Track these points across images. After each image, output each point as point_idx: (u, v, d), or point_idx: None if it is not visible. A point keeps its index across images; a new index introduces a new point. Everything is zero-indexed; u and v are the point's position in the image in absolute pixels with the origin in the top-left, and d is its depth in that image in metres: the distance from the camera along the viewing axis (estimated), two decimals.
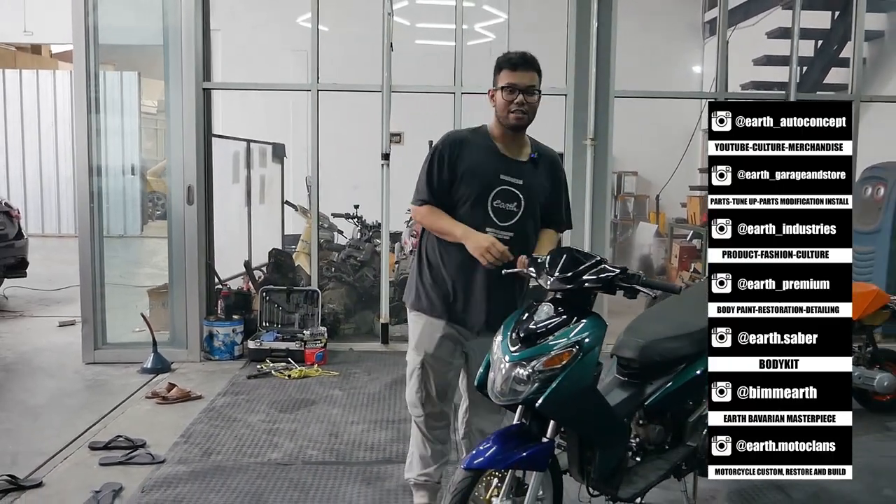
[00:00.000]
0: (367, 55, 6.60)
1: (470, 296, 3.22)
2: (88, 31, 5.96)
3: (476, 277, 3.18)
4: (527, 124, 3.21)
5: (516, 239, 3.17)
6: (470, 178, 3.18)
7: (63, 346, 6.63)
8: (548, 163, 3.33)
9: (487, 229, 3.14)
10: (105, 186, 6.47)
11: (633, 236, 11.34)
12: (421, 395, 3.33)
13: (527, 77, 3.15)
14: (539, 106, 3.22)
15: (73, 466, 4.13)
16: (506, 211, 3.18)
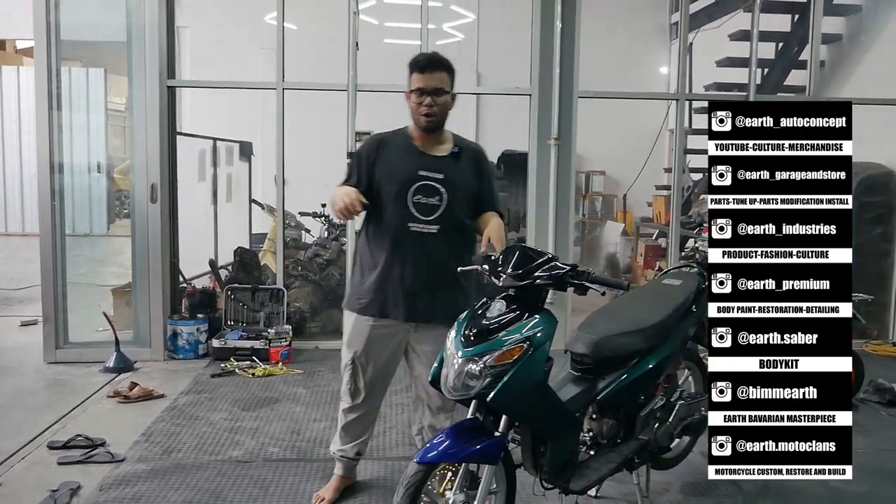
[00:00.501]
0: (335, 54, 6.61)
1: (392, 289, 3.33)
2: (50, 26, 5.92)
3: (399, 271, 3.31)
4: (437, 125, 3.31)
5: (443, 231, 3.28)
6: (389, 176, 3.30)
7: (25, 345, 6.57)
8: (470, 156, 3.40)
9: (410, 224, 3.27)
10: (70, 184, 6.42)
11: (601, 235, 11.45)
12: (350, 388, 3.51)
13: (434, 79, 3.25)
14: (453, 104, 3.34)
15: (31, 466, 4.10)
16: (428, 205, 3.27)
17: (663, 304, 3.58)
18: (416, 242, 3.28)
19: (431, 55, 3.34)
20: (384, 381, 3.58)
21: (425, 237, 3.28)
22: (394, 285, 3.33)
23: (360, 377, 3.48)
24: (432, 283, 3.32)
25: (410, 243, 3.29)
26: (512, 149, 9.40)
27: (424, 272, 3.30)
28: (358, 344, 3.44)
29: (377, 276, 3.36)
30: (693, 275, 3.85)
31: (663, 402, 3.58)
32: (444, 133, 3.40)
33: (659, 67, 12.04)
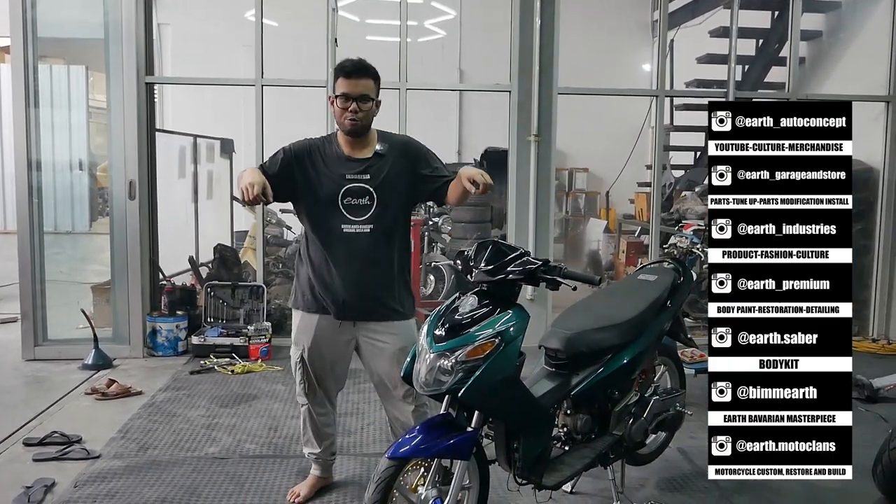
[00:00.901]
0: (316, 51, 6.60)
1: (332, 288, 3.36)
2: (27, 23, 5.89)
3: (335, 270, 3.34)
4: (363, 129, 3.33)
5: (377, 230, 3.32)
6: (318, 182, 3.34)
7: (3, 342, 6.52)
8: (398, 150, 3.41)
9: (343, 226, 3.30)
10: (52, 182, 6.38)
11: (584, 232, 11.48)
12: (304, 387, 3.55)
13: (360, 85, 3.27)
14: (378, 111, 3.37)
15: (6, 462, 4.09)
16: (359, 206, 3.31)
17: (638, 299, 3.59)
18: (350, 242, 3.32)
19: (358, 62, 3.33)
20: (336, 379, 3.61)
21: (358, 237, 3.31)
22: (333, 284, 3.36)
23: (311, 374, 3.52)
24: (369, 281, 3.35)
25: (344, 243, 3.32)
26: (495, 146, 9.42)
27: (359, 271, 3.33)
28: (305, 341, 3.48)
29: (316, 276, 3.40)
30: (669, 270, 3.87)
31: (638, 398, 3.58)
32: (370, 134, 3.41)
33: (641, 64, 12.08)
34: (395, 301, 3.40)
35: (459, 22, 11.17)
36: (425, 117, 9.93)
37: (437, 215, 8.65)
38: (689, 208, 8.01)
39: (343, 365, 3.58)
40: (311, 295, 3.44)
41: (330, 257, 3.34)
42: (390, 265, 3.38)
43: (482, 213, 9.06)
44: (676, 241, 4.27)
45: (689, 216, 7.66)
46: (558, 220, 11.54)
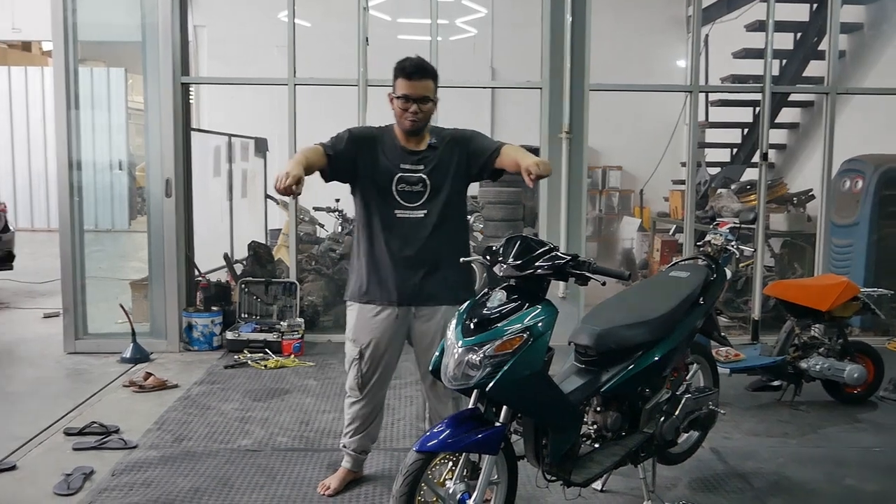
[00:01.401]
0: (348, 50, 6.65)
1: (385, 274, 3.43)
2: (68, 27, 6.01)
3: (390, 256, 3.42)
4: (420, 129, 3.42)
5: (430, 217, 3.41)
6: (374, 170, 3.42)
7: (46, 336, 6.69)
8: (448, 142, 3.48)
9: (397, 211, 3.40)
10: (92, 181, 6.51)
11: (617, 231, 11.40)
12: (358, 382, 3.59)
13: (420, 87, 3.35)
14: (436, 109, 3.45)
15: (47, 451, 4.19)
16: (412, 192, 3.41)
17: (670, 296, 3.55)
18: (404, 227, 3.40)
19: (418, 62, 3.39)
20: (388, 371, 3.63)
21: (412, 222, 3.40)
22: (388, 270, 3.43)
23: (366, 369, 3.54)
24: (423, 265, 3.42)
25: (398, 229, 3.40)
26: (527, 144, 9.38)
27: (414, 256, 3.40)
28: (363, 336, 3.51)
29: (372, 264, 3.46)
30: (701, 267, 3.82)
31: (669, 396, 3.54)
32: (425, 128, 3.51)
33: (676, 60, 11.96)
34: (449, 284, 3.44)
35: (491, 20, 11.16)
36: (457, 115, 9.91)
37: (469, 213, 8.65)
38: (724, 206, 7.92)
39: (396, 356, 3.61)
40: (367, 286, 3.48)
41: (384, 243, 3.42)
42: (444, 249, 3.42)
43: (514, 212, 9.06)
44: (711, 238, 4.23)
45: (725, 214, 7.58)
46: (591, 218, 11.49)
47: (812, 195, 8.21)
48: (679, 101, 9.18)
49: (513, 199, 9.05)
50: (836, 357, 5.08)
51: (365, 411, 3.65)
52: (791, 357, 5.08)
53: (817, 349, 5.09)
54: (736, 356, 5.14)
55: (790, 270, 7.85)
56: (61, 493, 3.65)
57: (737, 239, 4.37)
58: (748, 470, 4.07)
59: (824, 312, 5.04)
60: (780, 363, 5.08)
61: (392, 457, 4.14)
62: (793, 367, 5.08)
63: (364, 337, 3.51)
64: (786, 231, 7.94)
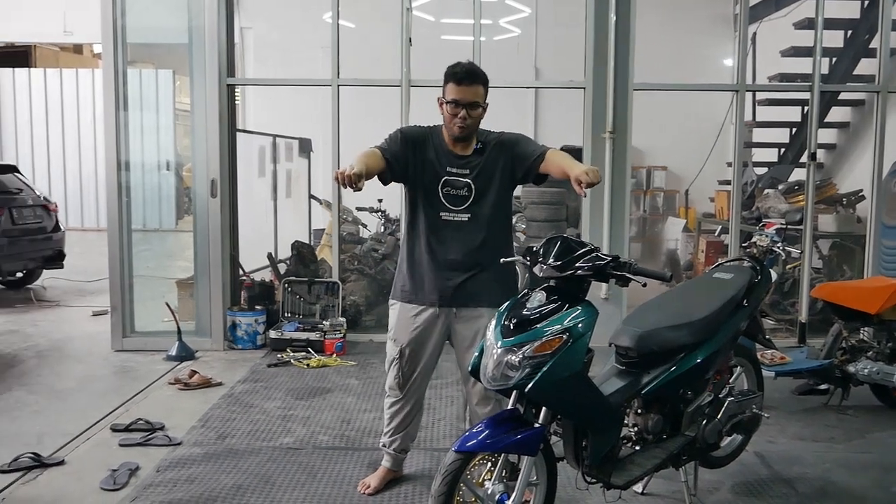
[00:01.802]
0: (391, 51, 6.68)
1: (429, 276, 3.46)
2: (117, 30, 6.15)
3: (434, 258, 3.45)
4: (470, 135, 3.43)
5: (474, 220, 3.43)
6: (423, 171, 3.44)
7: (94, 334, 6.85)
8: (494, 146, 3.48)
9: (442, 214, 3.43)
10: (140, 181, 6.64)
11: (662, 231, 11.27)
12: (398, 381, 3.61)
13: (470, 92, 3.34)
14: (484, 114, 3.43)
15: (94, 446, 4.29)
16: (458, 196, 3.42)
17: (713, 297, 3.50)
18: (448, 229, 3.42)
19: (469, 67, 3.39)
20: (428, 371, 3.65)
21: (457, 225, 3.42)
22: (430, 272, 3.46)
23: (406, 368, 3.57)
24: (467, 268, 3.43)
25: (443, 231, 3.43)
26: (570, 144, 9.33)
27: (458, 258, 3.42)
28: (403, 336, 3.54)
29: (416, 265, 3.50)
30: (745, 269, 3.76)
31: (712, 399, 3.50)
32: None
33: (723, 59, 11.78)
34: (491, 286, 3.44)
35: (535, 19, 11.12)
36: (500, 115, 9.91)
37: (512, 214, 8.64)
38: (771, 206, 7.78)
39: (436, 357, 3.62)
40: (409, 286, 3.52)
41: (428, 244, 3.45)
42: (487, 252, 3.42)
43: (557, 212, 9.01)
44: (757, 239, 4.17)
45: (772, 215, 7.45)
46: (635, 218, 11.38)
47: (862, 196, 8.03)
48: (726, 100, 9.04)
49: (556, 200, 9.00)
50: (885, 361, 4.95)
51: (405, 411, 3.67)
52: (839, 360, 4.98)
53: (866, 353, 4.97)
54: (782, 359, 5.05)
55: (839, 272, 7.68)
56: (107, 488, 3.74)
57: (783, 240, 4.29)
58: (793, 475, 4.00)
59: (873, 315, 4.92)
60: (828, 366, 4.98)
61: (431, 457, 4.15)
62: (840, 370, 4.97)
63: (404, 336, 3.54)
64: (835, 232, 7.77)
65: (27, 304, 8.30)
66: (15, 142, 15.50)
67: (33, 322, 7.46)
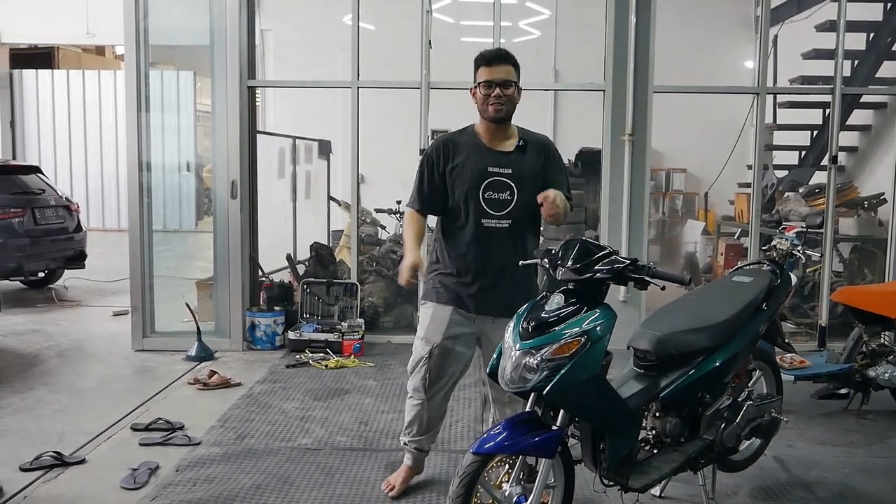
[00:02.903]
0: (410, 53, 6.70)
1: (468, 283, 3.43)
2: (139, 32, 6.20)
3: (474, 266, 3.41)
4: (507, 115, 3.37)
5: (514, 226, 3.38)
6: (459, 175, 3.39)
7: (115, 334, 6.92)
8: (536, 147, 3.45)
9: (483, 221, 3.36)
10: (161, 182, 6.69)
11: (681, 234, 11.21)
12: (425, 382, 3.55)
13: (501, 71, 3.32)
14: (519, 99, 3.39)
15: (115, 445, 4.34)
16: (499, 201, 3.36)
17: (732, 301, 3.50)
18: (490, 237, 3.37)
19: (497, 49, 3.45)
20: (454, 376, 3.60)
21: (499, 231, 3.37)
22: (469, 279, 3.42)
23: (434, 370, 3.52)
24: (506, 276, 3.39)
25: (484, 238, 3.38)
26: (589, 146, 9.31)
27: (499, 266, 3.38)
28: (436, 336, 3.48)
29: (454, 269, 3.46)
30: (765, 272, 3.75)
31: (730, 402, 3.49)
32: (511, 128, 3.46)
33: (744, 61, 11.71)
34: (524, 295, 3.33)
35: (554, 21, 11.11)
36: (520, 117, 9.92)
37: None
38: (791, 210, 7.73)
39: (463, 364, 3.59)
40: (443, 287, 3.48)
41: (469, 251, 3.40)
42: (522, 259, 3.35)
43: (576, 214, 8.98)
44: (777, 243, 4.15)
45: (792, 218, 7.40)
46: (654, 221, 11.32)
47: (884, 199, 7.95)
48: (746, 102, 8.99)
49: (575, 202, 8.96)
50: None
51: (427, 415, 3.62)
52: (859, 364, 4.94)
53: (886, 357, 4.93)
54: (801, 363, 5.02)
55: (859, 276, 7.62)
56: (128, 487, 3.78)
57: (804, 244, 4.26)
58: (812, 479, 3.97)
59: (894, 319, 4.88)
60: (848, 371, 4.94)
61: (450, 458, 4.16)
62: (860, 374, 4.94)
63: (437, 336, 3.48)
64: (856, 236, 7.71)
65: (49, 304, 8.40)
66: (38, 143, 15.66)
67: (55, 321, 7.54)
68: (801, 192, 8.17)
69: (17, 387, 5.38)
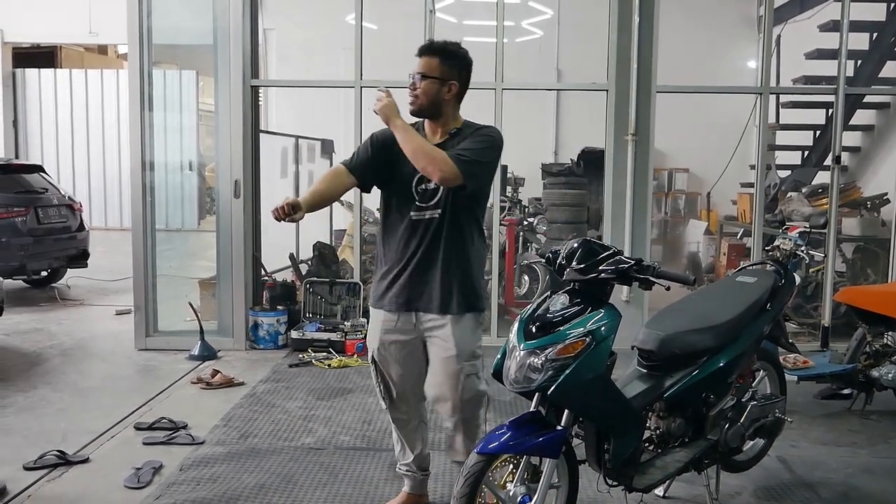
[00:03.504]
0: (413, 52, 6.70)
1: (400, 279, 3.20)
2: (143, 32, 6.21)
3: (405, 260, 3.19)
4: (421, 110, 3.19)
5: (446, 218, 3.15)
6: (395, 165, 3.19)
7: (118, 333, 6.92)
8: (468, 133, 3.20)
9: (413, 213, 3.17)
10: (164, 181, 6.69)
11: (683, 234, 11.21)
12: (380, 389, 3.38)
13: (423, 64, 3.15)
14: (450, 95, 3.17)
15: (119, 445, 4.34)
16: (428, 191, 3.16)
17: (736, 301, 3.50)
18: (418, 228, 3.18)
19: (432, 41, 3.28)
20: (408, 381, 3.34)
21: (427, 223, 3.17)
22: (401, 275, 3.21)
23: (384, 376, 3.35)
24: (438, 269, 3.17)
25: (414, 230, 3.19)
26: (592, 146, 9.32)
27: (428, 261, 3.18)
28: (374, 339, 3.32)
29: (386, 268, 3.27)
30: (769, 273, 3.75)
31: (734, 402, 3.49)
32: (451, 122, 3.24)
33: (746, 61, 11.71)
34: (458, 292, 3.18)
35: (557, 21, 11.11)
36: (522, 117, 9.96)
37: (532, 216, 8.63)
38: (794, 210, 7.72)
39: (415, 369, 3.31)
40: (380, 290, 3.28)
41: (398, 245, 3.21)
42: (458, 254, 3.19)
43: (578, 214, 8.99)
44: (780, 243, 4.14)
45: (795, 218, 7.39)
46: (657, 221, 11.32)
47: (887, 199, 7.95)
48: (749, 102, 8.99)
49: (577, 202, 8.98)
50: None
51: (401, 432, 3.45)
52: (862, 365, 4.94)
53: (890, 357, 4.93)
54: (804, 363, 5.02)
55: (862, 276, 7.61)
56: (132, 486, 3.78)
57: (807, 244, 4.26)
58: (816, 480, 3.97)
59: None
60: (851, 371, 4.94)
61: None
62: (864, 375, 4.93)
63: (375, 339, 3.32)
64: (859, 236, 7.70)
65: (52, 303, 8.41)
66: (40, 142, 15.66)
67: (58, 320, 7.55)
68: (804, 192, 8.16)
69: (21, 385, 5.39)
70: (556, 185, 9.19)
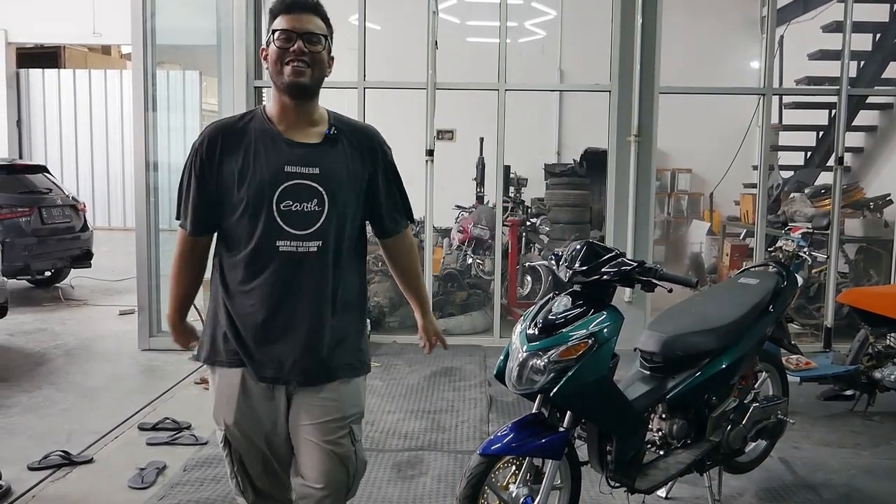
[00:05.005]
0: (418, 53, 6.72)
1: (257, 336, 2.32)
2: (146, 32, 6.23)
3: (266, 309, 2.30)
4: (312, 84, 2.32)
5: (326, 249, 2.30)
6: (242, 178, 2.28)
7: (121, 333, 6.93)
8: (357, 138, 2.41)
9: (279, 243, 2.27)
10: (167, 182, 6.70)
11: (686, 235, 11.21)
12: (237, 481, 2.49)
13: (306, 20, 2.28)
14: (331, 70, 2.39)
15: (123, 445, 4.36)
16: (303, 214, 2.28)
17: (738, 303, 3.50)
18: (289, 267, 2.29)
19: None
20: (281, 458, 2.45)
21: (301, 258, 2.28)
22: (265, 329, 2.31)
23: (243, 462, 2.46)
24: (318, 325, 2.32)
25: (280, 268, 2.29)
26: (595, 146, 9.33)
27: (305, 308, 2.31)
28: (227, 413, 2.39)
29: (239, 317, 2.34)
30: (771, 274, 3.75)
31: (737, 404, 3.50)
32: (319, 110, 2.42)
33: (749, 62, 11.71)
34: (351, 352, 2.41)
35: (560, 22, 11.11)
36: (525, 118, 9.96)
37: (535, 216, 8.64)
38: (797, 210, 7.72)
39: (283, 436, 2.41)
40: (229, 343, 2.35)
41: (260, 289, 2.29)
42: (348, 299, 2.39)
43: (581, 215, 9.00)
44: (782, 244, 4.15)
45: (798, 219, 7.39)
46: (659, 221, 11.33)
47: (889, 200, 7.95)
48: (752, 102, 8.98)
49: (580, 202, 8.99)
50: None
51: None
52: (864, 366, 4.94)
53: (892, 358, 4.93)
54: (807, 364, 5.02)
55: (865, 277, 7.61)
56: (135, 486, 3.80)
57: (809, 245, 4.27)
58: (818, 481, 3.97)
59: None
60: (853, 372, 4.94)
61: (455, 459, 4.16)
62: (866, 376, 4.93)
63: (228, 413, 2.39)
64: (861, 237, 7.70)
65: (55, 303, 8.43)
66: (44, 142, 15.70)
67: (61, 321, 7.57)
68: (807, 193, 8.17)
69: (25, 386, 5.41)
70: (559, 185, 9.21)
